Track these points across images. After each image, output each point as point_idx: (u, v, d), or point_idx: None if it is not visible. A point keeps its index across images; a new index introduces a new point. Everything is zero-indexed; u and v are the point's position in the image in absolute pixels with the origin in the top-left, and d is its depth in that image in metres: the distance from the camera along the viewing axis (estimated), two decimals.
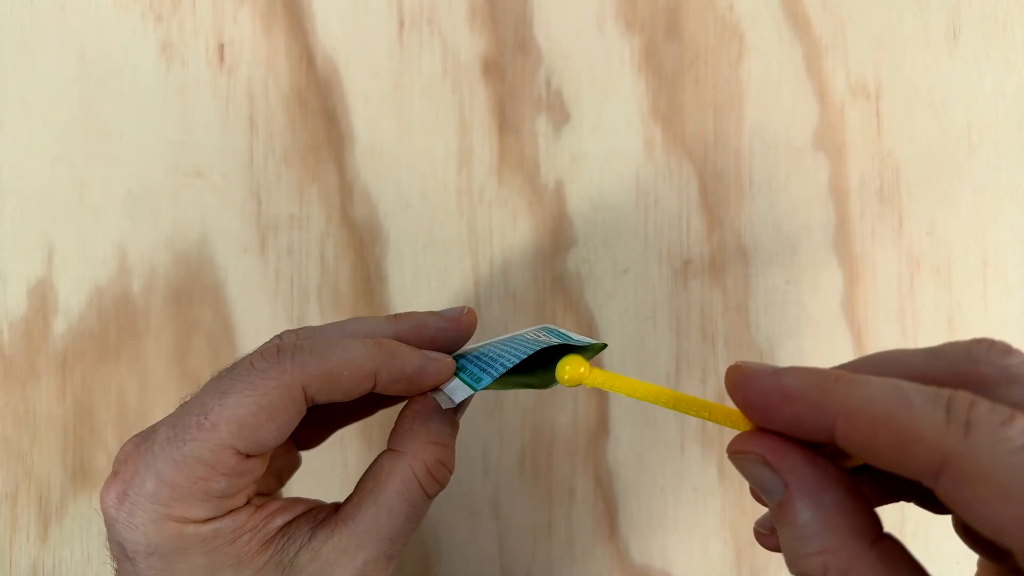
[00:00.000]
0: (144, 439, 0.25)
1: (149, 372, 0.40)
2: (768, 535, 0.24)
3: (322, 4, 0.40)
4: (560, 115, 0.41)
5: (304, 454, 0.33)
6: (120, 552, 0.24)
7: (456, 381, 0.27)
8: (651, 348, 0.41)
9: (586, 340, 0.27)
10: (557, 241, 0.41)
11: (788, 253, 0.41)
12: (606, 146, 0.41)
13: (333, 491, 0.40)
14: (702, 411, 0.24)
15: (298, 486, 0.40)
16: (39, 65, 0.40)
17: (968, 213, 0.41)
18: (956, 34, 0.41)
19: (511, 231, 0.41)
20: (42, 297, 0.40)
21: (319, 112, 0.40)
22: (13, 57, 0.40)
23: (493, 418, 0.41)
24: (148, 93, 0.40)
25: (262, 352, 0.25)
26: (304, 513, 0.26)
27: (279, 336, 0.28)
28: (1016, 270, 0.41)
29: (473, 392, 0.27)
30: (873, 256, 0.41)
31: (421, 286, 0.41)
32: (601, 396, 0.41)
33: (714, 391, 0.41)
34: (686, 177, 0.41)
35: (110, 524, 0.24)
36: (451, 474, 0.27)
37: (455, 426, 0.28)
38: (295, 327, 0.40)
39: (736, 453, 0.22)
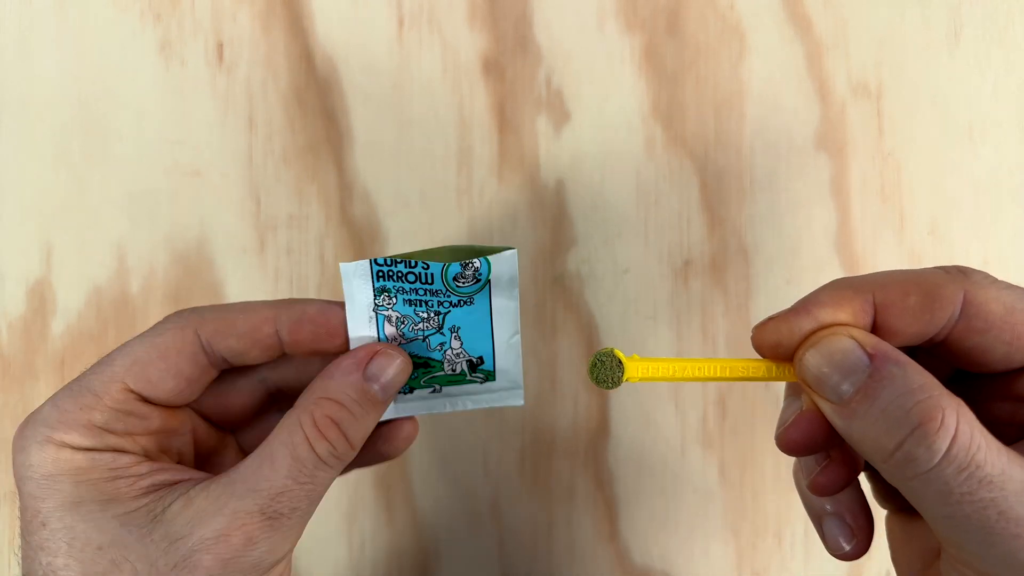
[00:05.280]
0: None
1: None
2: (824, 470, 0.25)
3: (321, 3, 0.40)
4: (560, 114, 0.41)
5: None
6: (15, 479, 0.24)
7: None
8: (652, 349, 0.41)
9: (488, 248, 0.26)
10: (557, 241, 0.41)
11: (789, 253, 0.41)
12: (606, 146, 0.41)
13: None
14: (755, 371, 0.25)
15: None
16: (38, 64, 0.40)
17: (969, 213, 0.41)
18: (957, 33, 0.41)
19: (511, 231, 0.41)
20: (40, 297, 0.40)
21: (318, 111, 0.40)
22: (12, 56, 0.40)
23: (493, 419, 0.41)
24: (147, 92, 0.40)
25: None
26: (198, 478, 0.25)
27: None
28: (1018, 270, 0.41)
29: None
30: (874, 256, 0.41)
31: None
32: (601, 396, 0.41)
33: (715, 391, 0.41)
34: (687, 177, 0.41)
35: (12, 450, 0.24)
36: (349, 443, 0.25)
37: (368, 398, 0.25)
38: None
39: (822, 330, 0.23)
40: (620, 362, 0.24)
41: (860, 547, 0.27)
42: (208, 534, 0.23)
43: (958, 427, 0.20)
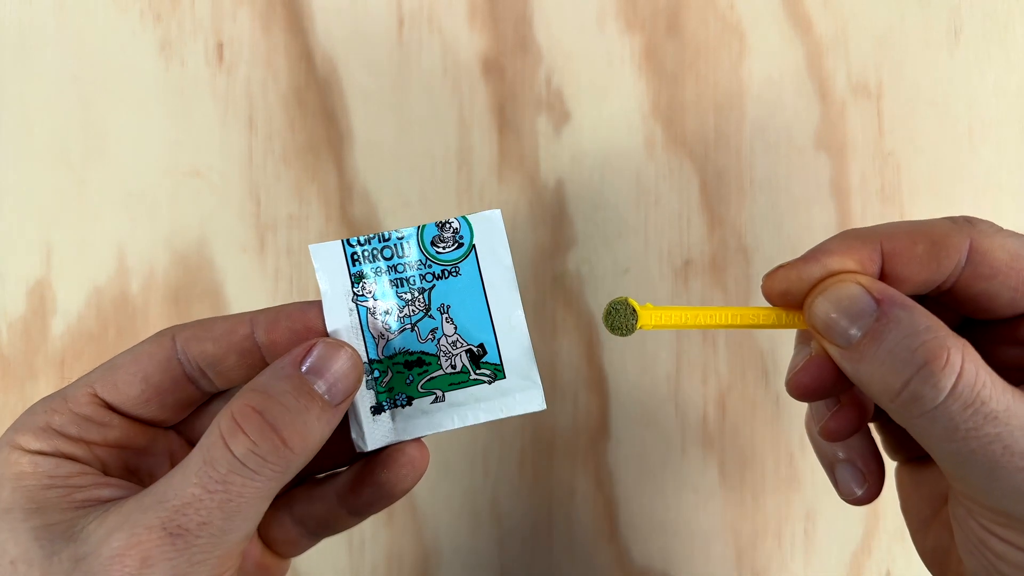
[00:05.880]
0: None
1: None
2: (835, 415, 0.26)
3: (321, 3, 0.40)
4: (560, 114, 0.41)
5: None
6: None
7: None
8: (652, 348, 0.41)
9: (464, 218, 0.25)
10: (557, 241, 0.41)
11: (789, 253, 0.40)
12: (606, 145, 0.41)
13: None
14: (765, 319, 0.25)
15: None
16: (37, 64, 0.40)
17: (969, 213, 0.41)
18: (957, 33, 0.41)
19: (511, 231, 0.41)
20: (40, 297, 0.40)
21: (318, 111, 0.40)
22: (12, 56, 0.40)
23: None
24: (147, 92, 0.40)
25: None
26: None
27: None
28: None
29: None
30: None
31: None
32: (601, 396, 0.41)
33: (715, 391, 0.41)
34: (687, 176, 0.41)
35: None
36: (281, 440, 0.21)
37: (306, 391, 0.22)
38: None
39: (830, 278, 0.23)
40: (634, 310, 0.24)
41: (872, 491, 0.27)
42: (106, 554, 0.20)
43: (963, 365, 0.20)
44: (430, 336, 0.25)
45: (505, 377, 0.25)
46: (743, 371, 0.41)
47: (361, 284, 0.24)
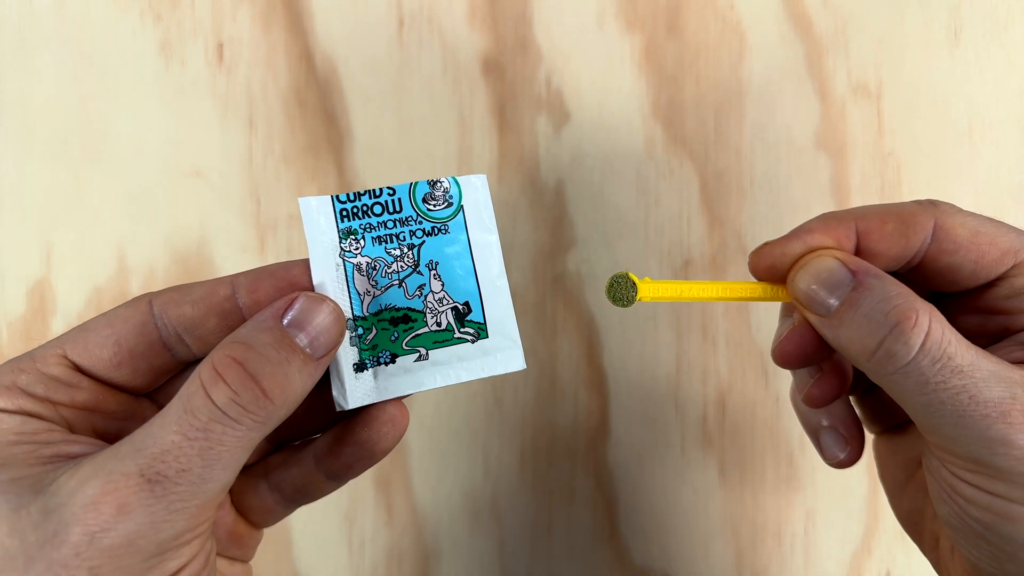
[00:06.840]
0: None
1: None
2: (817, 382, 0.28)
3: (321, 3, 0.40)
4: (560, 114, 0.41)
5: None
6: None
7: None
8: (652, 349, 0.41)
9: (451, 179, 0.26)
10: (557, 241, 0.41)
11: None
12: (606, 145, 0.41)
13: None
14: (752, 292, 0.27)
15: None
16: (38, 64, 0.40)
17: None
18: (957, 33, 0.41)
19: (511, 231, 0.41)
20: (40, 297, 0.40)
21: (318, 111, 0.40)
22: (12, 56, 0.40)
23: (493, 418, 0.41)
24: (147, 92, 0.40)
25: None
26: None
27: None
28: None
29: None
30: None
31: None
32: (601, 396, 0.41)
33: (715, 391, 0.41)
34: (687, 176, 0.41)
35: None
36: (262, 391, 0.21)
37: (287, 343, 0.22)
38: None
39: (810, 253, 0.26)
40: (634, 283, 0.26)
41: (853, 454, 0.30)
42: (80, 502, 0.19)
43: (931, 325, 0.23)
44: (417, 292, 0.25)
45: (488, 336, 0.25)
46: (743, 371, 0.41)
47: (349, 240, 0.25)
